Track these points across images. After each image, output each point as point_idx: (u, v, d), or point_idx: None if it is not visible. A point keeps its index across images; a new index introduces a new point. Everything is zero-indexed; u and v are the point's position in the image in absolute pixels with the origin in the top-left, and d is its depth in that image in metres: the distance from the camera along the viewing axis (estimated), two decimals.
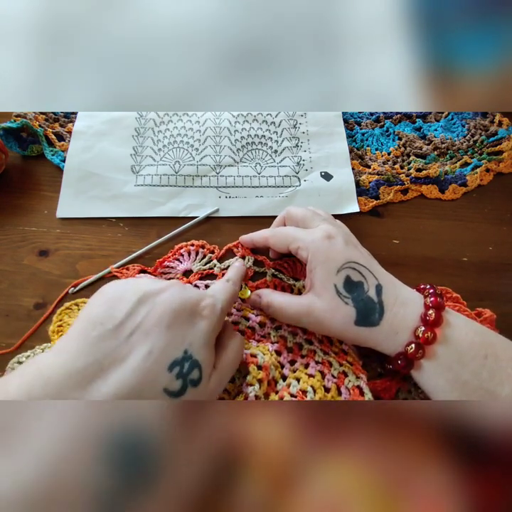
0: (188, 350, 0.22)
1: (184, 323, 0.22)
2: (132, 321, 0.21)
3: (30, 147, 0.39)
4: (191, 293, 0.24)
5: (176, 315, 0.22)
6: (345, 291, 0.27)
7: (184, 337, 0.22)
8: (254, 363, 0.27)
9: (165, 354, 0.21)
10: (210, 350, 0.23)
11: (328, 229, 0.29)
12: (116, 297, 0.23)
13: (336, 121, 0.44)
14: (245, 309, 0.31)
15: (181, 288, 0.24)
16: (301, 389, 0.27)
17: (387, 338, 0.27)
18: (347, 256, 0.27)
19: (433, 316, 0.25)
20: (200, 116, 0.43)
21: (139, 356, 0.20)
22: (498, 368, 0.24)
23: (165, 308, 0.22)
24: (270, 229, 0.33)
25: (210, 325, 0.23)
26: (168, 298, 0.23)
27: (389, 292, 0.27)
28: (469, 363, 0.25)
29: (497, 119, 0.46)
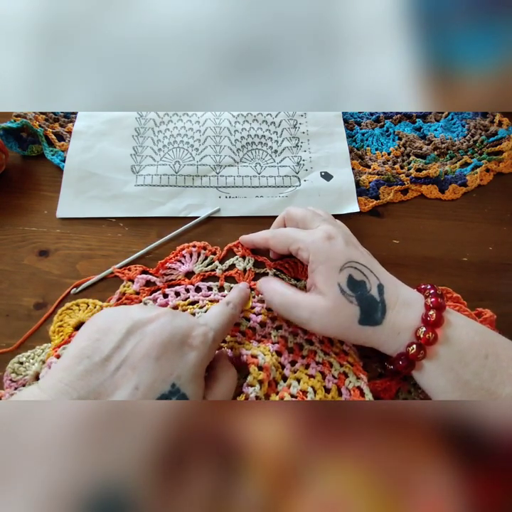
0: (175, 384, 0.21)
1: (173, 355, 0.22)
2: (119, 354, 0.21)
3: (30, 147, 0.39)
4: (182, 322, 0.24)
5: (165, 347, 0.22)
6: (349, 289, 0.26)
7: (172, 370, 0.22)
8: (255, 363, 0.27)
9: (152, 389, 0.21)
10: (199, 383, 0.23)
11: (329, 229, 0.29)
12: (106, 328, 0.22)
13: (336, 121, 0.44)
14: (246, 310, 0.31)
15: (172, 317, 0.24)
16: (302, 389, 0.27)
17: (389, 337, 0.27)
18: (348, 255, 0.27)
19: (434, 317, 0.25)
20: (200, 116, 0.43)
21: (126, 392, 0.20)
22: (499, 368, 0.24)
23: (154, 339, 0.22)
24: (270, 230, 0.33)
25: (200, 356, 0.23)
26: (157, 328, 0.22)
27: (390, 292, 0.27)
28: (470, 362, 0.25)
29: (497, 119, 0.46)
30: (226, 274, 0.34)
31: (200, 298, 0.32)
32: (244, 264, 0.34)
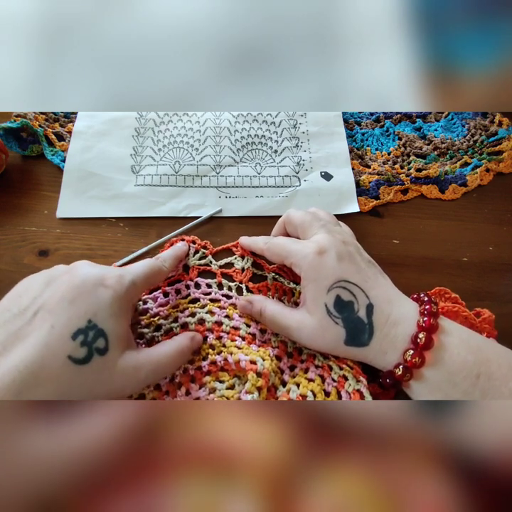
0: (92, 320, 0.22)
1: (88, 296, 0.23)
2: (36, 302, 0.22)
3: (30, 147, 0.39)
4: (97, 268, 0.25)
5: (79, 289, 0.23)
6: (336, 311, 0.26)
7: (88, 308, 0.23)
8: (254, 370, 0.27)
9: (67, 325, 0.22)
10: (120, 322, 0.24)
11: (322, 241, 0.28)
12: (27, 285, 0.24)
13: (336, 121, 0.44)
14: (247, 317, 0.31)
15: (87, 265, 0.25)
16: (301, 394, 0.27)
17: (376, 357, 0.26)
18: (338, 274, 0.27)
19: (423, 340, 0.25)
20: (200, 117, 0.43)
21: (42, 332, 0.21)
22: (491, 387, 0.24)
23: (68, 285, 0.23)
24: (266, 239, 0.32)
25: (115, 295, 0.24)
26: (72, 275, 0.24)
27: (381, 311, 0.26)
28: (460, 383, 0.24)
29: (497, 119, 0.46)
30: (222, 271, 0.34)
31: (200, 296, 0.32)
32: (243, 263, 0.34)
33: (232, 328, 0.31)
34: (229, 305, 0.32)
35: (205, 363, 0.29)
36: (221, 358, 0.29)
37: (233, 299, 0.32)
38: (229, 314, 0.31)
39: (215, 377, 0.29)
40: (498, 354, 0.26)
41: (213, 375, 0.29)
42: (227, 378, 0.29)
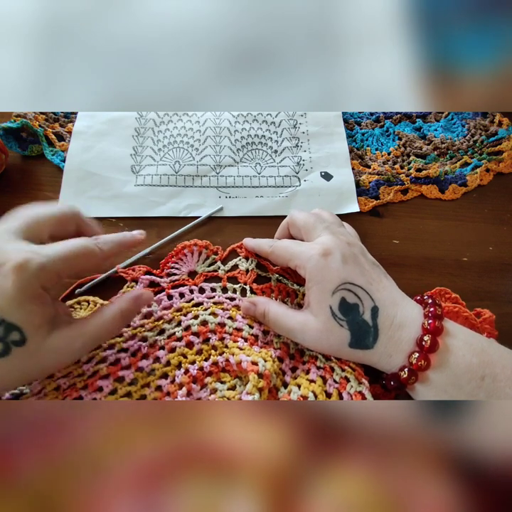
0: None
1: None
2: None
3: (30, 147, 0.39)
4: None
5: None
6: (341, 313, 0.26)
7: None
8: (255, 371, 0.27)
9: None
10: (31, 310, 0.22)
11: (326, 243, 0.28)
12: None
13: (336, 121, 0.44)
14: (250, 318, 0.31)
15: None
16: (302, 395, 0.27)
17: (381, 360, 0.26)
18: (343, 276, 0.26)
19: (428, 343, 0.25)
20: (200, 116, 0.43)
21: None
22: (496, 389, 0.24)
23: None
24: (270, 242, 0.32)
25: (18, 285, 0.21)
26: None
27: (386, 314, 0.26)
28: (465, 385, 0.24)
29: (497, 119, 0.46)
30: (229, 275, 0.34)
31: (204, 300, 0.32)
32: (247, 264, 0.34)
33: (235, 329, 0.31)
34: (232, 306, 0.32)
35: (207, 364, 0.29)
36: (223, 359, 0.29)
37: (237, 301, 0.32)
38: (232, 316, 0.31)
39: (217, 378, 0.29)
40: (501, 355, 0.25)
41: (215, 376, 0.29)
42: (228, 379, 0.29)
